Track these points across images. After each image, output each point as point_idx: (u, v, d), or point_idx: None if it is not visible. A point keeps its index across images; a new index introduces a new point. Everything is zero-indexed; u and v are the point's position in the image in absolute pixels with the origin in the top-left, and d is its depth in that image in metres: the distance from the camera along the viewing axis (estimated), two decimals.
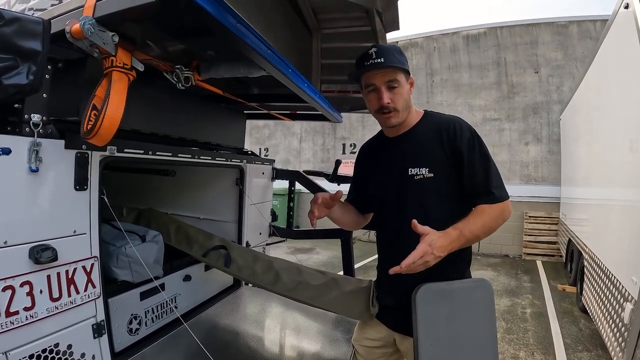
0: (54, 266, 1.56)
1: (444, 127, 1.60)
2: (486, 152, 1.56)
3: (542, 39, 9.47)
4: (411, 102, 1.67)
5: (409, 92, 1.64)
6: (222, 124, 3.46)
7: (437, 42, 10.81)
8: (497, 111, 9.93)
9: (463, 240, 1.47)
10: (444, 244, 1.40)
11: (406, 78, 1.62)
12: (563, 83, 9.24)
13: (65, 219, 1.62)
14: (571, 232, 6.57)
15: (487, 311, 1.56)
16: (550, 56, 9.40)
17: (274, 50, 1.72)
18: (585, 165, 5.86)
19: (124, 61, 1.49)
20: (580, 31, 9.15)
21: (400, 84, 1.59)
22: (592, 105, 5.36)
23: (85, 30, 1.32)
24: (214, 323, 2.69)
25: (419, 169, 1.59)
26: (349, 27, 2.89)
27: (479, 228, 1.50)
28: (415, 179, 1.59)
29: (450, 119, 1.63)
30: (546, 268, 7.98)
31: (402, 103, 1.60)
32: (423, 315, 1.47)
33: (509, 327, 4.85)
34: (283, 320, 2.95)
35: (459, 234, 1.45)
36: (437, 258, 1.40)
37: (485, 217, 1.52)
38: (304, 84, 2.25)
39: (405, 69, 1.59)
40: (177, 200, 3.70)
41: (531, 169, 9.60)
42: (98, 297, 1.77)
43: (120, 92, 1.45)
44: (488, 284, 1.59)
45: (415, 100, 8.72)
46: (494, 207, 1.53)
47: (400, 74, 1.58)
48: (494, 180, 1.54)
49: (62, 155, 1.58)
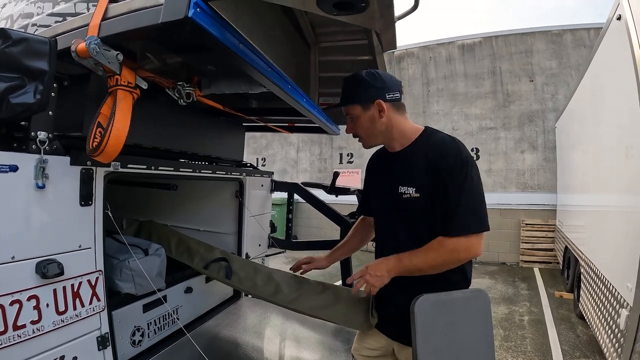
0: (60, 280, 1.58)
1: (432, 148, 1.61)
2: (468, 180, 1.53)
3: (536, 48, 9.59)
4: (383, 127, 1.70)
5: (372, 119, 1.69)
6: (221, 137, 3.50)
7: (433, 52, 10.92)
8: (492, 120, 10.00)
9: (401, 268, 1.59)
10: (379, 267, 1.61)
11: (364, 109, 1.69)
12: (558, 91, 9.33)
13: (70, 234, 1.65)
14: (567, 239, 6.60)
15: (485, 321, 1.60)
16: (545, 65, 9.50)
17: (274, 67, 1.77)
18: (581, 173, 5.89)
19: (129, 80, 1.53)
20: (574, 39, 9.26)
21: (357, 116, 1.71)
22: (587, 112, 5.40)
23: (91, 50, 1.35)
24: (215, 334, 2.72)
25: (407, 187, 1.62)
26: (346, 41, 2.94)
27: (421, 262, 1.56)
28: (404, 197, 1.63)
29: (443, 141, 1.63)
30: (543, 275, 8.02)
31: (363, 131, 1.73)
32: (422, 325, 1.50)
33: (506, 334, 4.88)
34: (283, 331, 2.98)
35: (397, 262, 1.60)
36: (377, 278, 1.60)
37: (430, 253, 1.56)
38: (302, 98, 2.29)
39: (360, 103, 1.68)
40: (177, 212, 3.72)
41: (527, 177, 9.65)
42: (102, 310, 1.79)
43: (125, 110, 1.49)
44: (485, 294, 1.63)
45: (412, 110, 8.77)
46: (448, 241, 1.53)
47: (354, 108, 1.70)
48: (464, 209, 1.51)
49: (67, 171, 1.62)
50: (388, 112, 1.67)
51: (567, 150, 7.38)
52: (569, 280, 6.33)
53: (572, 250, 6.04)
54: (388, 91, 1.67)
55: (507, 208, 9.55)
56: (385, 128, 1.70)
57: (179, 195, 3.64)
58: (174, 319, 2.51)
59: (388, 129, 1.70)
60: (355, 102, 1.69)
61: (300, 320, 3.00)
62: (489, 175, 9.82)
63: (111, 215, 1.83)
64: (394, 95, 1.68)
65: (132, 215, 4.05)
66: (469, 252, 1.54)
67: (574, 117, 6.60)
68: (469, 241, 1.52)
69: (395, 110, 1.70)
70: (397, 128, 1.71)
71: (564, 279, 6.98)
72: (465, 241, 1.52)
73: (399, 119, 1.71)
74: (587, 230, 5.23)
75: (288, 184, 4.18)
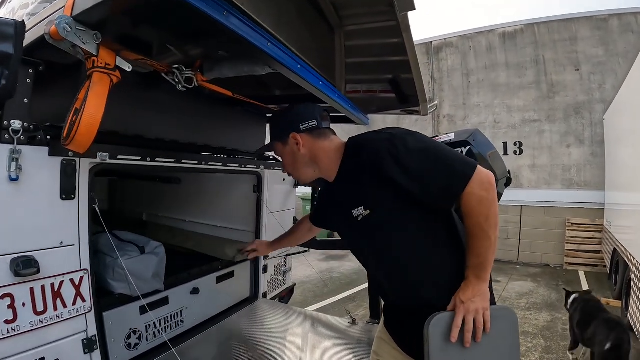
0: (38, 279, 1.48)
1: (359, 161, 1.43)
2: (416, 145, 1.32)
3: (581, 35, 8.96)
4: (306, 158, 1.61)
5: (293, 154, 1.63)
6: (239, 128, 3.36)
7: (473, 41, 10.42)
8: (536, 112, 9.43)
9: (481, 267, 1.33)
10: (468, 292, 1.31)
11: (283, 145, 1.64)
12: (605, 81, 8.70)
13: (50, 229, 1.54)
14: (617, 241, 6.15)
15: (511, 345, 1.36)
16: (590, 52, 8.87)
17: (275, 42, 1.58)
18: (632, 169, 5.46)
19: (107, 61, 1.39)
20: (621, 25, 8.61)
21: (281, 154, 1.70)
22: (638, 103, 4.98)
23: (61, 30, 1.24)
24: (224, 338, 2.55)
25: (357, 209, 1.45)
26: (373, 23, 2.70)
27: (483, 244, 1.31)
28: (359, 220, 1.45)
29: (362, 147, 1.45)
30: (589, 279, 7.51)
31: (290, 168, 1.70)
32: (436, 348, 1.28)
33: (548, 345, 4.51)
34: (300, 337, 2.70)
35: (473, 269, 1.33)
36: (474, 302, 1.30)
37: (476, 228, 1.30)
38: (318, 81, 2.10)
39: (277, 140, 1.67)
40: (193, 207, 3.64)
41: (573, 173, 9.06)
42: (89, 312, 1.69)
43: (100, 94, 1.35)
44: (512, 313, 1.38)
45: (452, 102, 8.49)
46: (465, 201, 1.29)
47: (276, 146, 1.69)
48: (440, 170, 1.30)
49: (45, 163, 1.51)
50: (306, 142, 1.59)
51: (617, 145, 6.91)
52: (617, 287, 5.89)
53: (621, 254, 5.62)
54: (302, 122, 1.59)
55: (552, 206, 9.06)
56: (309, 159, 1.61)
57: (194, 189, 3.55)
58: (178, 321, 2.38)
59: (312, 159, 1.61)
60: (273, 140, 1.70)
61: (322, 325, 2.74)
62: (532, 171, 9.33)
63: (98, 210, 1.70)
64: (308, 124, 1.60)
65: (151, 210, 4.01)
66: (487, 185, 1.29)
67: (623, 109, 6.14)
68: (477, 177, 1.27)
69: (315, 138, 1.60)
70: (323, 154, 1.59)
71: (611, 285, 6.53)
72: (476, 179, 1.27)
73: (322, 144, 1.59)
74: (639, 232, 4.81)
75: None
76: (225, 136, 3.11)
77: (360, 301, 5.92)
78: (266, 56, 1.56)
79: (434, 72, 10.78)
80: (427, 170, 1.29)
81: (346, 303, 5.89)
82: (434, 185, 1.29)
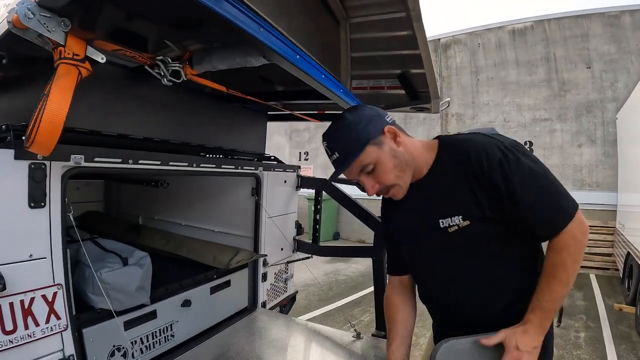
0: (4, 295, 1.32)
1: (464, 160, 1.24)
2: (528, 165, 1.18)
3: (593, 32, 8.70)
4: (406, 155, 1.34)
5: (393, 153, 1.32)
6: (237, 126, 3.18)
7: (482, 38, 10.18)
8: (547, 110, 9.17)
9: (548, 314, 1.18)
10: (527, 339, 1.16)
11: (378, 146, 1.30)
12: (617, 79, 8.44)
13: (17, 241, 1.37)
14: (630, 245, 5.95)
15: None
16: (602, 50, 8.60)
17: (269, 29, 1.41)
18: None
19: (74, 51, 1.22)
20: (633, 21, 8.35)
21: (376, 161, 1.31)
22: None
23: (22, 16, 1.08)
24: (219, 352, 2.32)
25: (451, 218, 1.25)
26: (381, 14, 2.52)
27: (556, 293, 1.17)
28: (450, 231, 1.26)
29: (469, 145, 1.26)
30: (600, 283, 7.27)
31: (393, 174, 1.33)
32: None
33: (560, 354, 4.29)
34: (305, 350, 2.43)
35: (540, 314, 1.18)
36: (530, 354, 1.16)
37: (558, 270, 1.17)
38: (320, 75, 1.93)
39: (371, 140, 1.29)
40: (189, 211, 3.47)
41: (585, 174, 8.81)
42: (64, 330, 1.52)
43: (65, 88, 1.19)
44: None
45: (460, 101, 8.29)
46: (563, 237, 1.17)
47: (367, 153, 1.29)
48: (547, 199, 1.18)
49: (10, 167, 1.34)
50: (400, 136, 1.35)
51: (630, 144, 6.71)
52: (630, 292, 5.70)
53: (635, 258, 5.44)
54: (384, 115, 1.36)
55: None
56: (409, 156, 1.34)
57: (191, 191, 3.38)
58: (168, 336, 2.21)
59: (410, 157, 1.35)
60: (365, 144, 1.29)
61: (324, 338, 2.51)
62: None
63: (72, 218, 1.53)
64: (388, 116, 1.36)
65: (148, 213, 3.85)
66: (584, 226, 1.19)
67: (637, 108, 5.95)
68: (577, 219, 1.18)
69: (402, 132, 1.37)
70: (417, 152, 1.36)
71: (624, 289, 6.31)
72: (576, 222, 1.17)
73: (409, 139, 1.39)
74: None
75: (314, 180, 3.76)
76: (222, 135, 2.93)
77: (366, 306, 5.73)
78: (259, 44, 1.39)
79: (442, 70, 10.58)
80: (532, 195, 1.17)
81: (352, 307, 5.73)
82: (538, 210, 1.17)
